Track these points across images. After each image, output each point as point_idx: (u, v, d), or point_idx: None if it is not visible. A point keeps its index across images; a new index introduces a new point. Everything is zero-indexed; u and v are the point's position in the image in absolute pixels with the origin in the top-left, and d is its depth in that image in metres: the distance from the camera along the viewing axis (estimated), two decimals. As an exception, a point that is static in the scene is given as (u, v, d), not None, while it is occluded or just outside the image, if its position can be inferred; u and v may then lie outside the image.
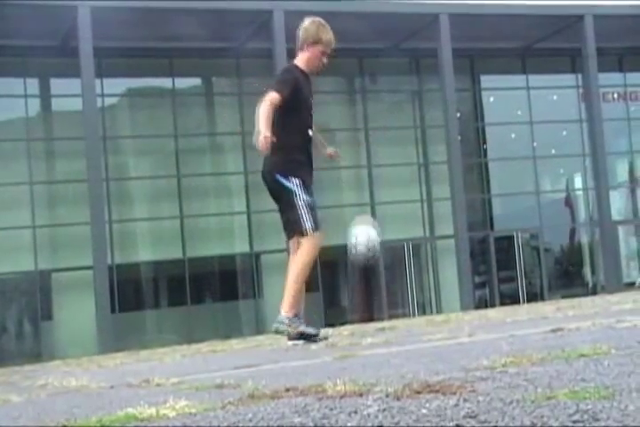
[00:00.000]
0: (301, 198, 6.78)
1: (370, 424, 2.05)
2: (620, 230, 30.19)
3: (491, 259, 28.47)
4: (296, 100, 6.82)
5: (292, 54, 27.74)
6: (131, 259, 25.60)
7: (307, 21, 7.32)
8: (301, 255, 6.89)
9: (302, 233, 6.83)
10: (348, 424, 2.08)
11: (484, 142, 29.73)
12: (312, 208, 6.84)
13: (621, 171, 31.71)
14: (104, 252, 23.13)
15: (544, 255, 29.72)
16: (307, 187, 6.85)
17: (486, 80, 29.68)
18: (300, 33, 7.19)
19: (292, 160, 6.86)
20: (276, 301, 27.31)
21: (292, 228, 6.90)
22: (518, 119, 29.88)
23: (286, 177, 6.81)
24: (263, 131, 6.42)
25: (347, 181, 27.73)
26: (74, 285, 24.41)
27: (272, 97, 6.64)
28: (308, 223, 6.79)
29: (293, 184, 6.78)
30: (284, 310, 7.01)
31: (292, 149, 6.87)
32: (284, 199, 6.86)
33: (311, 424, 2.12)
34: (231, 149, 27.19)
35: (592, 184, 28.89)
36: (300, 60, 7.12)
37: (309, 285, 27.94)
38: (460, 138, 26.94)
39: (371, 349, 4.86)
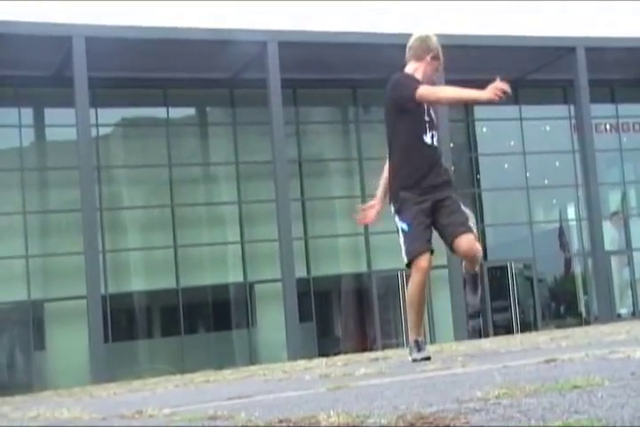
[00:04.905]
0: (397, 226, 6.59)
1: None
2: (613, 261, 30.19)
3: (484, 289, 28.44)
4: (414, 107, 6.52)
5: (285, 84, 27.59)
6: (124, 288, 25.51)
7: (427, 34, 6.86)
8: (409, 292, 6.67)
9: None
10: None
11: (478, 173, 29.80)
12: (406, 232, 6.49)
13: (614, 201, 31.77)
14: (97, 281, 23.06)
15: (537, 285, 29.69)
16: (408, 208, 6.52)
17: (479, 111, 29.80)
18: (418, 44, 6.79)
19: (397, 179, 6.63)
20: (270, 331, 27.25)
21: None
22: (511, 150, 29.98)
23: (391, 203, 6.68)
24: (476, 92, 6.42)
25: (340, 211, 27.73)
26: (67, 314, 24.30)
27: (427, 87, 6.44)
28: (403, 250, 6.54)
29: (393, 210, 6.65)
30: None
31: (401, 165, 6.61)
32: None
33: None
34: (225, 179, 27.22)
35: (585, 214, 28.94)
36: (418, 73, 6.76)
37: (303, 314, 27.64)
38: (453, 168, 26.99)
39: (364, 379, 4.84)
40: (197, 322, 27.26)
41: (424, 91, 6.43)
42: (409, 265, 6.52)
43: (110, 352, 23.37)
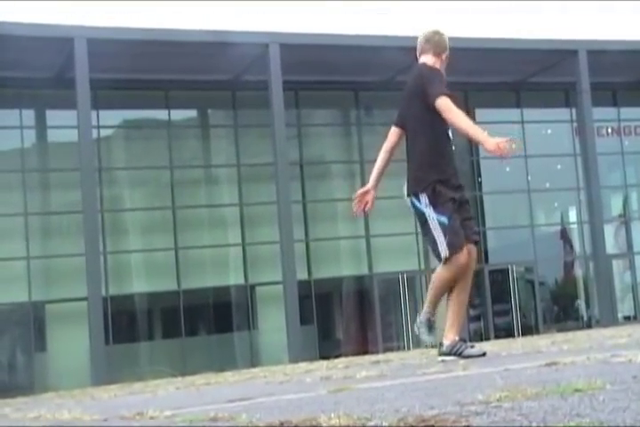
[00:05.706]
0: (433, 218, 6.40)
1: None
2: (615, 264, 30.17)
3: (485, 292, 28.43)
4: None
5: (287, 86, 27.51)
6: (125, 290, 25.52)
7: (439, 31, 6.84)
8: (436, 279, 6.51)
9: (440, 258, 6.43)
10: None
11: (479, 176, 29.79)
12: (446, 225, 6.34)
13: (615, 204, 31.76)
14: (98, 283, 23.07)
15: (539, 289, 29.68)
16: (445, 202, 6.39)
17: (481, 114, 29.71)
18: (438, 39, 6.79)
19: (428, 169, 6.48)
20: (271, 333, 27.27)
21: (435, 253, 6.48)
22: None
23: (417, 196, 6.48)
24: (485, 136, 6.17)
25: (342, 213, 27.72)
26: (68, 316, 24.30)
27: (449, 101, 6.33)
28: (442, 244, 6.36)
29: (424, 204, 6.43)
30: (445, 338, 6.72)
31: (432, 157, 6.51)
32: (420, 222, 6.52)
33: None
34: (226, 181, 27.22)
35: (586, 218, 28.93)
36: (437, 66, 6.73)
37: (304, 317, 27.62)
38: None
39: (365, 382, 4.84)
40: (198, 324, 27.26)
41: (444, 103, 6.34)
42: (446, 260, 6.37)
43: (111, 354, 23.36)
